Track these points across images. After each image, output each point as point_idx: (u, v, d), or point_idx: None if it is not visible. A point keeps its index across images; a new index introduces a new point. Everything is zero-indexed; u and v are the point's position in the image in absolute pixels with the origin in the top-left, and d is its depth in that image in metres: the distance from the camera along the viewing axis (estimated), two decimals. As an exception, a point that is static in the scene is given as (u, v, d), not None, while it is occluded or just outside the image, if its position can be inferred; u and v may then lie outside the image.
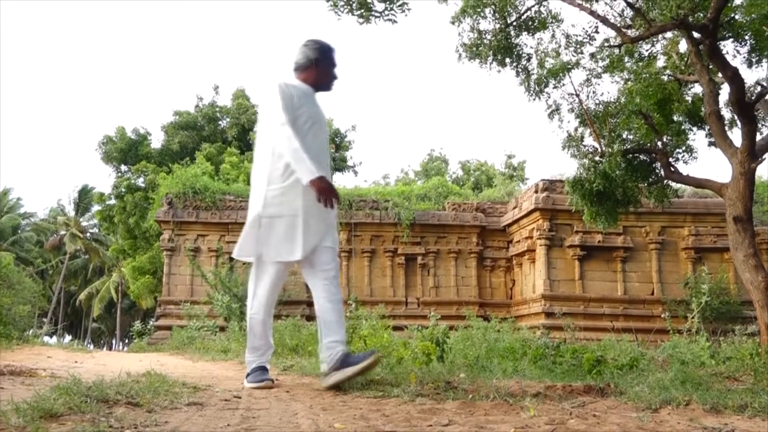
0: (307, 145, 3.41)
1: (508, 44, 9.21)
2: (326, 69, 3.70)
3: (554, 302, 13.78)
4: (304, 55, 3.65)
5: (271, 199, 3.50)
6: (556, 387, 3.15)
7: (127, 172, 24.04)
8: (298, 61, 3.67)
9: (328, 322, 3.45)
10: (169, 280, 15.67)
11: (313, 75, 3.66)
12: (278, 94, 3.43)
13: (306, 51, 3.66)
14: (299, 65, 3.67)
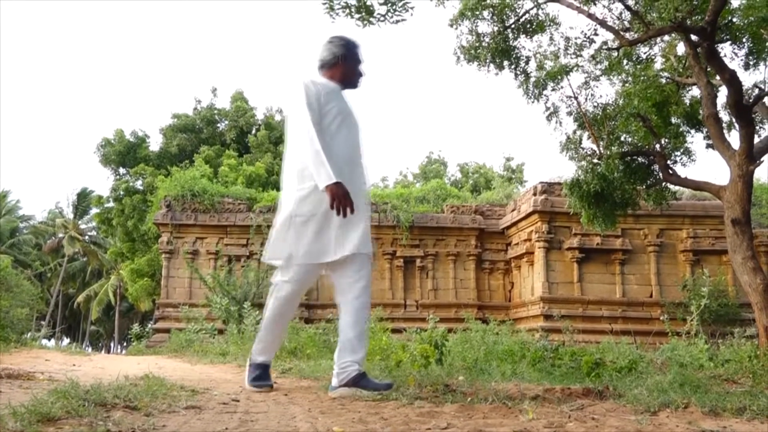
0: (338, 143, 3.32)
1: (506, 47, 9.22)
2: (352, 65, 3.58)
3: (553, 305, 13.78)
4: (329, 52, 3.54)
5: (304, 198, 3.34)
6: (554, 390, 3.15)
7: (125, 175, 24.03)
8: (323, 58, 3.55)
9: (347, 339, 3.32)
10: (167, 283, 15.66)
11: (340, 72, 3.54)
12: (302, 91, 3.32)
13: (331, 47, 3.54)
14: (325, 62, 3.55)
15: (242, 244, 15.69)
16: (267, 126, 24.79)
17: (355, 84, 3.61)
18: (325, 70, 3.55)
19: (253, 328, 10.54)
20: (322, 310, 15.08)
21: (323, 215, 3.29)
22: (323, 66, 3.56)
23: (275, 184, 20.81)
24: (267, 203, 15.96)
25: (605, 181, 9.14)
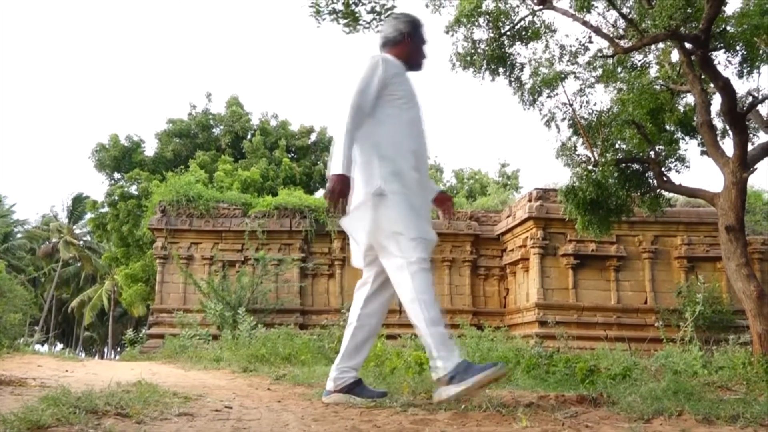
0: (403, 128, 3.10)
1: (501, 54, 9.25)
2: (418, 45, 3.34)
3: (548, 311, 13.78)
4: (394, 29, 3.30)
5: (388, 175, 3.03)
6: (549, 397, 3.14)
7: (120, 180, 23.98)
8: (387, 36, 3.31)
9: (354, 344, 3.14)
10: (161, 288, 15.60)
11: (405, 50, 3.29)
12: (369, 67, 3.07)
13: (397, 24, 3.31)
14: (389, 39, 3.31)
15: (237, 249, 15.65)
16: (262, 131, 24.79)
17: (419, 65, 3.38)
18: (388, 48, 3.31)
19: (248, 334, 10.52)
20: (316, 315, 15.06)
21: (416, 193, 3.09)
22: (386, 44, 3.32)
23: (270, 189, 20.79)
24: (262, 208, 15.94)
25: (600, 188, 9.16)
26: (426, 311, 2.87)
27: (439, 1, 9.11)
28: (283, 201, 16.18)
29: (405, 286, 2.91)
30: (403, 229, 2.95)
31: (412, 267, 2.90)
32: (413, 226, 2.97)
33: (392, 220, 2.97)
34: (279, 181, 22.17)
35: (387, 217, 2.98)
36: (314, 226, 15.74)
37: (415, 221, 2.99)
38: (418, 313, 2.87)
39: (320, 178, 24.71)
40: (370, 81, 3.04)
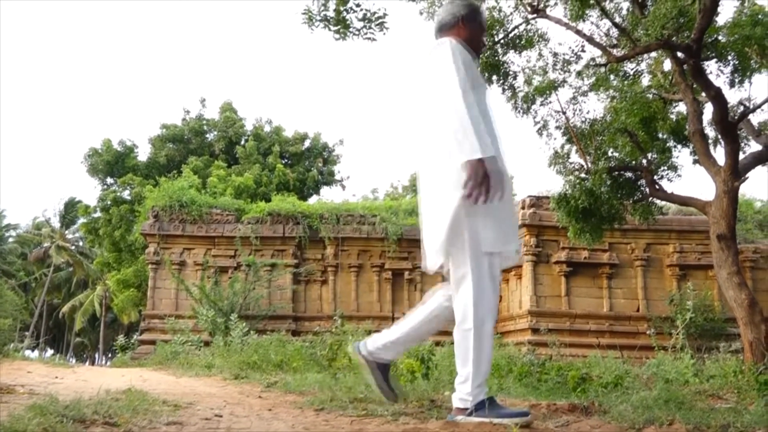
0: (483, 116, 2.81)
1: (495, 62, 9.30)
2: (476, 30, 3.12)
3: (540, 318, 13.79)
4: (449, 13, 3.10)
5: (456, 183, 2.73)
6: (540, 405, 3.14)
7: (113, 185, 23.88)
8: (443, 20, 3.11)
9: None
10: (153, 294, 15.52)
11: (463, 35, 3.05)
12: (449, 50, 2.82)
13: (452, 8, 3.11)
14: (445, 24, 3.09)
15: (230, 255, 15.60)
16: (256, 137, 24.77)
17: (477, 51, 3.14)
18: (443, 33, 3.08)
19: (240, 340, 10.48)
20: (309, 322, 15.02)
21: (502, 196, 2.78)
22: (443, 28, 3.10)
23: (264, 195, 20.76)
24: (255, 214, 15.91)
25: (592, 196, 9.19)
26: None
27: (434, 8, 9.16)
28: (277, 207, 16.15)
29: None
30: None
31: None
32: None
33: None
34: (272, 187, 22.14)
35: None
36: (307, 232, 15.73)
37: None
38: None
39: (314, 185, 24.69)
40: (456, 57, 2.81)
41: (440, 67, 2.80)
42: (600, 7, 8.65)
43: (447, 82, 2.74)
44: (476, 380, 2.66)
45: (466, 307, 2.74)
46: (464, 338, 2.71)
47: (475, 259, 2.77)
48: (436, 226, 2.81)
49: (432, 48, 2.91)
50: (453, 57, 2.79)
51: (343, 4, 5.78)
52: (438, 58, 2.83)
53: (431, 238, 2.89)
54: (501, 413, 2.62)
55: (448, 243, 2.78)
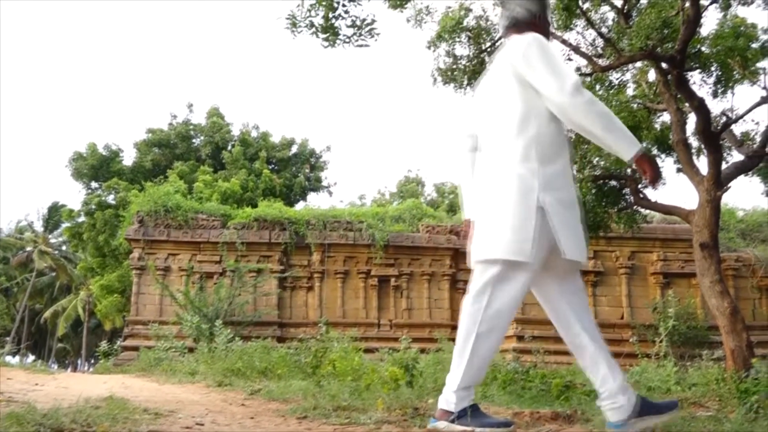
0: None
1: (482, 70, 9.35)
2: (546, 28, 2.95)
3: (526, 325, 13.83)
4: (524, 8, 2.89)
5: (554, 178, 2.59)
6: (523, 414, 3.14)
7: (97, 189, 23.66)
8: (517, 15, 2.88)
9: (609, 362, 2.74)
10: (137, 300, 15.39)
11: (537, 31, 2.82)
12: (543, 48, 2.63)
13: (527, 3, 2.90)
14: (519, 20, 2.87)
15: (215, 260, 15.51)
16: (243, 142, 24.69)
17: None
18: (517, 29, 2.84)
19: (225, 347, 10.40)
20: (295, 328, 14.95)
21: (575, 201, 2.68)
22: (516, 24, 2.87)
23: (250, 200, 20.68)
24: (241, 220, 15.84)
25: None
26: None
27: (422, 16, 9.21)
28: (263, 213, 16.09)
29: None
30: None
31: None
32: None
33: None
34: (259, 192, 22.06)
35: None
36: (294, 238, 15.67)
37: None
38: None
39: (300, 191, 24.63)
40: (558, 57, 2.66)
41: (547, 65, 2.58)
42: (586, 17, 8.75)
43: (569, 81, 2.53)
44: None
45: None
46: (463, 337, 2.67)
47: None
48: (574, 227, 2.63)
49: (517, 45, 2.69)
50: (551, 53, 2.63)
51: (332, 11, 5.78)
52: (540, 54, 2.61)
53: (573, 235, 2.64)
54: (484, 422, 2.58)
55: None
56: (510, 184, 2.59)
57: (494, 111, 2.75)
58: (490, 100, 2.80)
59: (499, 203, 2.62)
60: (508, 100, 2.68)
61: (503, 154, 2.66)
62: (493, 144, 2.74)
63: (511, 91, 2.68)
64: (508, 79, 2.69)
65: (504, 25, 2.93)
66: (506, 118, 2.67)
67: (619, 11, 8.64)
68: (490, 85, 2.83)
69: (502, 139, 2.68)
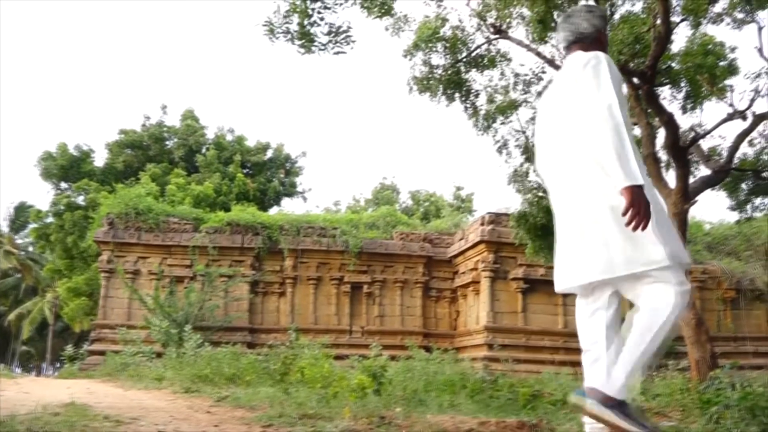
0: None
1: (458, 79, 9.43)
2: (606, 41, 2.91)
3: (497, 334, 13.90)
4: (590, 23, 2.84)
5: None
6: (489, 423, 3.15)
7: (67, 190, 23.24)
8: (583, 30, 2.83)
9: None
10: (105, 303, 15.12)
11: (600, 46, 2.79)
12: (606, 66, 2.60)
13: (591, 18, 2.86)
14: (584, 35, 2.82)
15: (186, 265, 15.32)
16: (217, 146, 24.48)
17: None
18: (581, 45, 2.80)
19: (194, 352, 10.27)
20: (266, 334, 14.83)
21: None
22: (581, 39, 2.82)
23: (223, 204, 20.49)
24: (214, 224, 15.68)
25: (550, 214, 9.34)
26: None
27: (399, 24, 9.26)
28: (236, 217, 15.96)
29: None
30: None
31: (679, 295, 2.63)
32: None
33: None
34: (232, 196, 21.88)
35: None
36: (267, 243, 15.57)
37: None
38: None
39: (275, 195, 24.50)
40: (615, 78, 2.63)
41: (597, 83, 2.59)
42: (560, 30, 8.86)
43: (606, 101, 2.55)
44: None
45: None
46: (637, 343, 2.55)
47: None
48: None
49: (579, 60, 2.67)
50: (611, 75, 2.60)
51: (307, 18, 5.77)
52: (594, 73, 2.60)
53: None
54: (635, 420, 2.45)
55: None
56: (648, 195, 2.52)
57: (570, 127, 2.71)
58: (566, 114, 2.75)
59: (615, 217, 2.54)
60: (584, 117, 2.63)
61: (592, 167, 2.61)
62: (572, 160, 2.69)
63: (580, 103, 2.64)
64: (578, 94, 2.66)
65: (568, 39, 2.88)
66: (586, 134, 2.62)
67: (593, 26, 8.78)
68: (562, 100, 2.78)
69: (587, 153, 2.63)
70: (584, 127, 2.62)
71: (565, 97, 2.74)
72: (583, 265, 2.63)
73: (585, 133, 2.62)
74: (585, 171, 2.63)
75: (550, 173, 2.84)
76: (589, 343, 2.74)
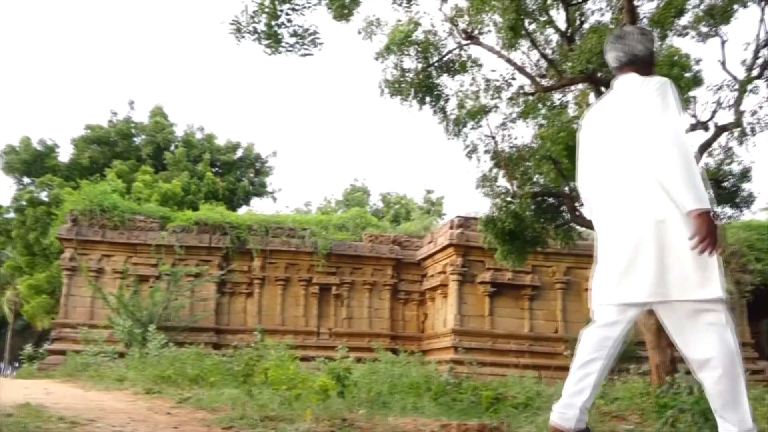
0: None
1: (429, 84, 9.47)
2: (654, 64, 2.92)
3: (464, 337, 14.00)
4: (644, 46, 2.82)
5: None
6: (451, 426, 3.17)
7: (30, 185, 22.74)
8: (637, 53, 2.82)
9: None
10: (67, 302, 14.80)
11: (651, 71, 2.80)
12: (669, 90, 2.61)
13: (645, 41, 2.84)
14: (639, 57, 2.81)
15: (152, 263, 15.08)
16: (186, 143, 24.18)
17: None
18: (633, 67, 2.79)
19: (157, 353, 10.12)
20: (232, 335, 14.68)
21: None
22: (636, 62, 2.81)
23: (191, 203, 20.25)
24: (181, 223, 15.47)
25: (518, 220, 9.46)
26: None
27: (372, 28, 9.27)
28: (204, 216, 15.78)
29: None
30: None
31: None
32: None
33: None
34: (201, 195, 21.64)
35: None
36: (235, 243, 15.42)
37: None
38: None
39: (244, 195, 24.30)
40: (679, 105, 2.63)
41: (664, 107, 2.58)
42: (531, 38, 8.97)
43: (672, 125, 2.55)
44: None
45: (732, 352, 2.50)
46: (734, 382, 2.48)
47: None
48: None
49: (646, 84, 2.66)
50: (674, 99, 2.60)
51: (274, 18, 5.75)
52: (662, 97, 2.60)
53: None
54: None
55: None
56: (687, 223, 2.51)
57: (630, 149, 2.68)
58: (625, 134, 2.72)
59: (680, 241, 2.53)
60: (647, 139, 2.62)
61: (655, 191, 2.60)
62: (630, 180, 2.68)
63: (640, 125, 2.63)
64: (641, 117, 2.64)
65: (620, 60, 2.85)
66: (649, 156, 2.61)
67: (563, 34, 8.91)
68: (620, 121, 2.75)
69: (649, 176, 2.61)
70: (646, 149, 2.60)
71: (624, 117, 2.71)
72: (637, 283, 2.59)
73: (646, 154, 2.60)
74: (645, 192, 2.61)
75: (600, 191, 2.81)
76: (592, 354, 2.73)
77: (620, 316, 2.66)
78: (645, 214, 2.60)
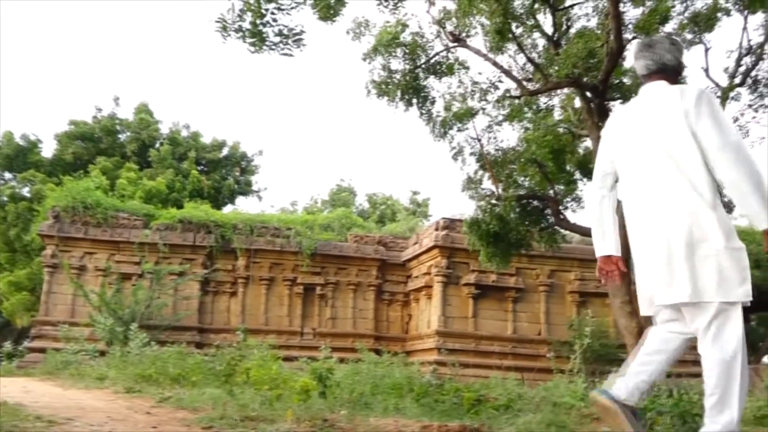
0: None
1: (416, 85, 9.49)
2: (682, 74, 2.98)
3: (447, 338, 14.03)
4: (673, 56, 2.86)
5: (731, 227, 2.64)
6: (431, 427, 3.18)
7: (11, 180, 22.46)
8: (667, 62, 2.85)
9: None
10: (48, 299, 14.63)
11: (679, 79, 2.88)
12: (714, 103, 2.65)
13: (674, 50, 2.87)
14: (670, 67, 2.86)
15: (135, 261, 14.96)
16: (172, 141, 24.00)
17: None
18: (662, 75, 2.83)
19: (139, 351, 10.03)
20: (215, 334, 14.60)
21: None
22: (662, 70, 2.85)
23: (176, 201, 20.11)
24: (165, 221, 15.35)
25: (502, 222, 9.51)
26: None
27: (360, 29, 9.27)
28: (189, 214, 15.67)
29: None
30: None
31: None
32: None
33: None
34: (185, 193, 21.48)
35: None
36: (220, 242, 15.34)
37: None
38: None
39: (229, 194, 24.17)
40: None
41: (716, 120, 2.61)
42: (517, 42, 9.02)
43: (734, 140, 2.59)
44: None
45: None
46: (727, 386, 2.55)
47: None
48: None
49: (686, 93, 2.68)
50: (721, 110, 2.65)
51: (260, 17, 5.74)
52: (711, 109, 2.63)
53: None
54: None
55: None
56: (720, 228, 2.57)
57: (666, 155, 2.71)
58: (653, 142, 2.75)
59: (711, 245, 2.59)
60: (684, 146, 2.66)
61: (689, 196, 2.63)
62: (664, 185, 2.71)
63: (687, 138, 2.65)
64: (680, 125, 2.66)
65: (649, 68, 2.87)
66: (686, 163, 2.65)
67: (549, 38, 8.96)
68: (650, 128, 2.77)
69: (684, 182, 2.65)
70: (693, 158, 2.62)
71: (663, 125, 2.71)
72: (676, 285, 2.64)
73: (694, 163, 2.62)
74: (679, 197, 2.64)
75: (637, 197, 2.83)
76: (660, 346, 2.81)
77: (676, 314, 2.72)
78: (679, 218, 2.63)
